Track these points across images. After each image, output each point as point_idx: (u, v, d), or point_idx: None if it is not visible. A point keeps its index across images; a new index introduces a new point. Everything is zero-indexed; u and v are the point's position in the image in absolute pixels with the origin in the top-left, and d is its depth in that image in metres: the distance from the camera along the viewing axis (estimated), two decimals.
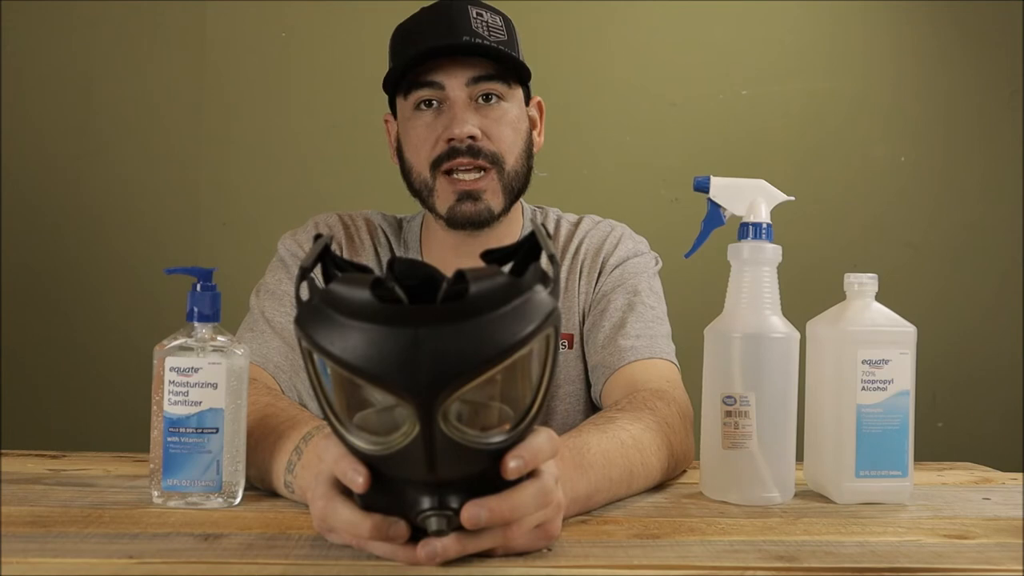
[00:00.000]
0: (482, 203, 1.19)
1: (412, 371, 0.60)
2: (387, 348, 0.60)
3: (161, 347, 0.86)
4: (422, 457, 0.63)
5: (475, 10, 1.18)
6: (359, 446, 0.66)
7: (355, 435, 0.66)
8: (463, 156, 1.17)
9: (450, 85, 1.17)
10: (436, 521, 0.66)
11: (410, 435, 0.63)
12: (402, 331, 0.60)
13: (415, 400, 0.61)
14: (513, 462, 0.67)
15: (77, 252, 2.19)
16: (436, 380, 0.60)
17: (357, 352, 0.60)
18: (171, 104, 2.21)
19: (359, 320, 0.61)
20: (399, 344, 0.60)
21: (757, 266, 0.95)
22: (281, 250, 1.27)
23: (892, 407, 0.94)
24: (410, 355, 0.60)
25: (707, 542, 0.77)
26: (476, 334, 0.61)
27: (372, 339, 0.60)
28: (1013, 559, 0.73)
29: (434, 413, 0.61)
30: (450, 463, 0.65)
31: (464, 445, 0.64)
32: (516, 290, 0.63)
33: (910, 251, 2.33)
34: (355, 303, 0.62)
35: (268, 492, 0.92)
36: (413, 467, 0.65)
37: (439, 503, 0.66)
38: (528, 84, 1.25)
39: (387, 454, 0.64)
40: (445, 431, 0.63)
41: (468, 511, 0.66)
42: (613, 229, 1.32)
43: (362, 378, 0.61)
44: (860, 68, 2.34)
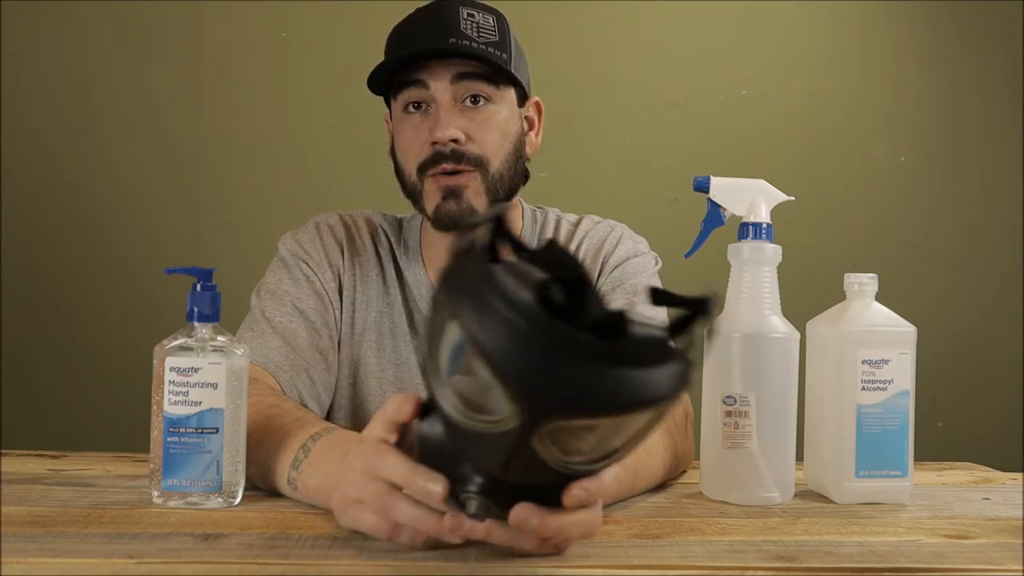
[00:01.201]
0: (464, 202, 1.18)
1: (542, 388, 0.59)
2: (529, 356, 0.59)
3: (161, 347, 0.86)
4: (501, 455, 0.63)
5: (466, 11, 1.18)
6: (448, 407, 0.64)
7: (453, 397, 0.64)
8: (447, 161, 1.17)
9: (434, 84, 1.17)
10: (476, 505, 0.66)
11: (500, 429, 0.61)
12: (551, 350, 0.59)
13: (529, 414, 0.60)
14: (577, 492, 0.66)
15: (77, 252, 2.18)
16: (558, 407, 0.59)
17: (498, 342, 0.59)
18: (171, 104, 2.21)
19: (515, 314, 0.59)
20: (542, 359, 0.59)
21: (757, 266, 0.95)
22: (282, 250, 1.28)
23: (892, 407, 0.95)
24: (547, 374, 0.58)
25: (707, 542, 0.77)
26: (617, 385, 0.60)
27: (520, 340, 0.59)
28: (1013, 559, 0.73)
29: (538, 430, 0.60)
30: (522, 469, 0.64)
31: (542, 463, 0.63)
32: (670, 357, 0.62)
33: (910, 251, 2.32)
34: (519, 299, 0.59)
35: (268, 491, 0.92)
36: (487, 455, 0.64)
37: (488, 490, 0.65)
38: (523, 85, 1.24)
39: (469, 430, 0.63)
40: (534, 446, 0.61)
41: (520, 513, 0.65)
42: (613, 229, 1.32)
43: (492, 370, 0.59)
44: (860, 68, 2.34)
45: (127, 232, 2.19)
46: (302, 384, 1.17)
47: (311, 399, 1.18)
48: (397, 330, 1.27)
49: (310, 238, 1.28)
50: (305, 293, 1.23)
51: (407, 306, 1.28)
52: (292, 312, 1.21)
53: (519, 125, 1.25)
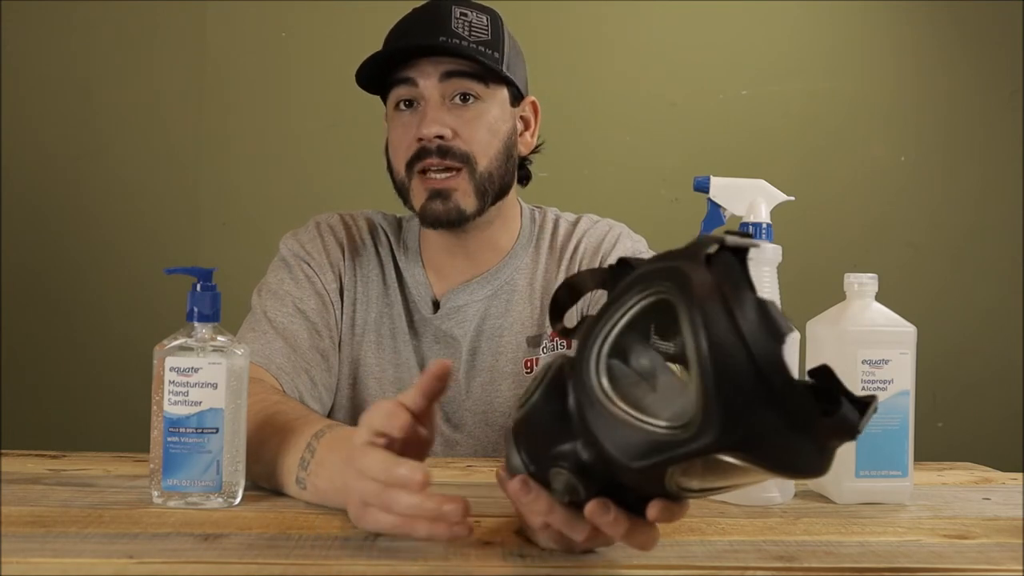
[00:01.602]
0: (451, 202, 1.19)
1: (751, 427, 0.57)
2: (755, 396, 0.57)
3: (161, 347, 0.86)
4: (640, 456, 0.61)
5: (459, 10, 1.19)
6: (599, 389, 0.63)
7: (602, 377, 0.63)
8: (433, 156, 1.18)
9: (423, 82, 1.18)
10: (564, 481, 0.65)
11: (665, 436, 0.60)
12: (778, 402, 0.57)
13: (718, 441, 0.58)
14: (664, 509, 0.65)
15: (77, 252, 2.19)
16: (748, 450, 0.58)
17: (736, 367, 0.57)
18: (171, 104, 2.21)
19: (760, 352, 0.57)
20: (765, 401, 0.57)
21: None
22: (283, 250, 1.28)
23: (892, 407, 0.94)
24: (762, 418, 0.57)
25: (707, 542, 0.77)
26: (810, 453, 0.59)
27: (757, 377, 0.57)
28: (1013, 559, 0.73)
29: (702, 455, 0.59)
30: (641, 476, 0.62)
31: (662, 477, 0.62)
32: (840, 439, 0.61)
33: (910, 251, 2.32)
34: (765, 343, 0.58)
35: (271, 491, 0.92)
36: (620, 446, 0.62)
37: (581, 471, 0.64)
38: (517, 85, 1.24)
39: (616, 419, 0.62)
40: (681, 466, 0.61)
41: (599, 505, 0.65)
42: (611, 228, 1.32)
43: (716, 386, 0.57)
44: (860, 68, 2.34)
45: (127, 232, 2.19)
46: (303, 385, 1.17)
47: (312, 400, 1.18)
48: (397, 330, 1.27)
49: (311, 238, 1.28)
50: (306, 294, 1.23)
51: (407, 306, 1.28)
52: (293, 313, 1.21)
53: (511, 124, 1.25)
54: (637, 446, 0.61)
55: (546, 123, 1.32)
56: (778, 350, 0.58)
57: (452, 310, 1.27)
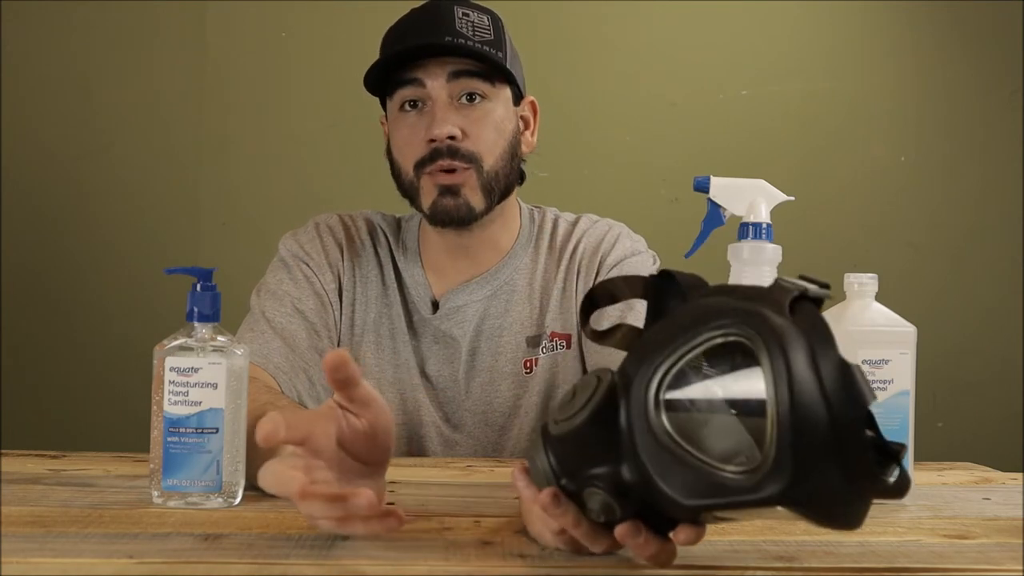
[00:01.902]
0: (461, 198, 1.19)
1: (811, 493, 0.58)
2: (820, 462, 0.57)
3: (161, 347, 0.86)
4: (694, 494, 0.61)
5: (461, 10, 1.19)
6: (660, 420, 0.62)
7: (664, 404, 0.63)
8: (444, 159, 1.17)
9: (431, 83, 1.18)
10: (600, 503, 0.64)
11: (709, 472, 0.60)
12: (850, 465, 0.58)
13: (776, 495, 0.58)
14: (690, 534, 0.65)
15: (77, 252, 2.18)
16: (804, 507, 0.59)
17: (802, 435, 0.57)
18: (171, 104, 2.21)
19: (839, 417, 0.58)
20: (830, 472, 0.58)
21: (757, 266, 0.95)
22: (282, 250, 1.28)
23: (892, 407, 0.94)
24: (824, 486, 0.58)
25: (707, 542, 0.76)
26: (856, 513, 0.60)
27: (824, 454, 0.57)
28: (1013, 559, 0.73)
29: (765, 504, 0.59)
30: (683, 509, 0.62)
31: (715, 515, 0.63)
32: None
33: (910, 251, 2.32)
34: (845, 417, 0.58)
35: None
36: (674, 481, 0.61)
37: (619, 493, 0.64)
38: (518, 84, 1.25)
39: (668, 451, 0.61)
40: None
41: (631, 529, 0.64)
42: (611, 228, 1.32)
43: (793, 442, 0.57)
44: (860, 68, 2.34)
45: (127, 232, 2.19)
46: (301, 385, 1.18)
47: (310, 400, 1.18)
48: (396, 331, 1.27)
49: (310, 239, 1.28)
50: (305, 294, 1.23)
51: (406, 307, 1.28)
52: (292, 313, 1.21)
53: (514, 123, 1.25)
54: (695, 486, 0.61)
55: (546, 123, 1.32)
56: (859, 416, 0.58)
57: (451, 310, 1.27)
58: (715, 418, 0.64)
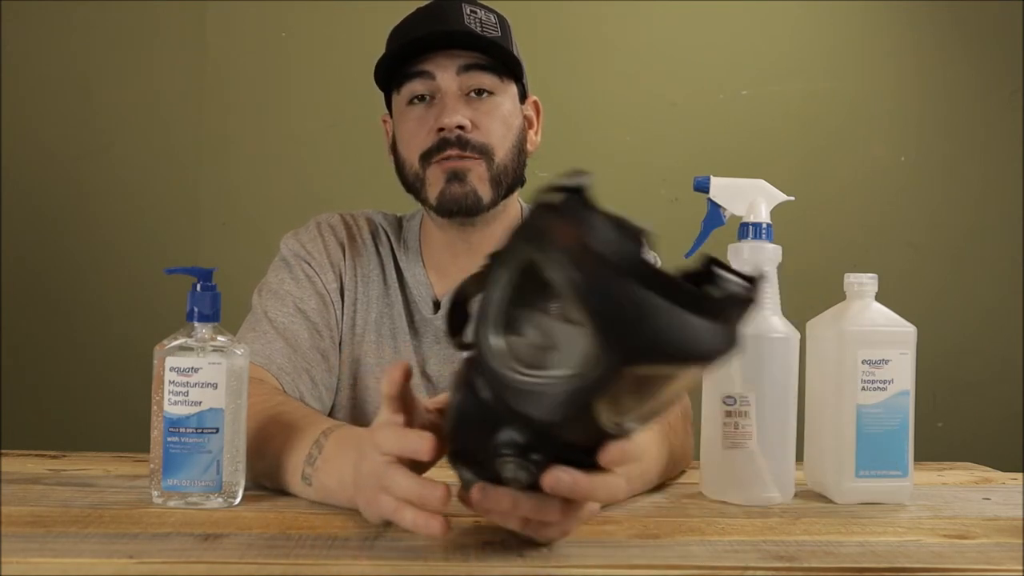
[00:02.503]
0: (468, 185, 1.18)
1: (642, 333, 0.58)
2: (633, 300, 0.59)
3: (161, 347, 0.86)
4: (561, 410, 0.62)
5: (469, 8, 1.19)
6: (501, 367, 0.64)
7: (502, 354, 0.64)
8: (452, 148, 1.17)
9: (441, 75, 1.18)
10: (514, 468, 0.65)
11: (568, 384, 0.61)
12: (653, 296, 0.59)
13: (619, 360, 0.59)
14: (614, 450, 0.66)
15: (77, 252, 2.18)
16: (649, 352, 0.59)
17: (600, 286, 0.59)
18: (171, 104, 2.21)
19: (621, 260, 0.59)
20: (645, 304, 0.59)
21: (757, 266, 0.95)
22: (284, 250, 1.28)
23: (892, 407, 0.94)
24: (649, 319, 0.58)
25: (707, 542, 0.77)
26: (709, 336, 0.60)
27: (624, 285, 0.59)
28: (1013, 559, 0.73)
29: (619, 378, 0.60)
30: (575, 427, 0.64)
31: (597, 421, 0.63)
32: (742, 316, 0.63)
33: (910, 251, 2.32)
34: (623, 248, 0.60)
35: (271, 490, 0.92)
36: (542, 409, 0.63)
37: (524, 451, 0.65)
38: (524, 83, 1.25)
39: (523, 389, 0.63)
40: (599, 400, 0.61)
41: (554, 475, 0.65)
42: None
43: (589, 312, 0.59)
44: (860, 68, 2.34)
45: (127, 232, 2.19)
46: (304, 385, 1.17)
47: (313, 400, 1.18)
48: (397, 330, 1.27)
49: (312, 238, 1.28)
50: (307, 294, 1.23)
51: (407, 306, 1.28)
52: (294, 312, 1.21)
53: (521, 120, 1.25)
54: (557, 401, 0.62)
55: (546, 123, 1.32)
56: (636, 250, 0.60)
57: None
58: (555, 337, 0.64)
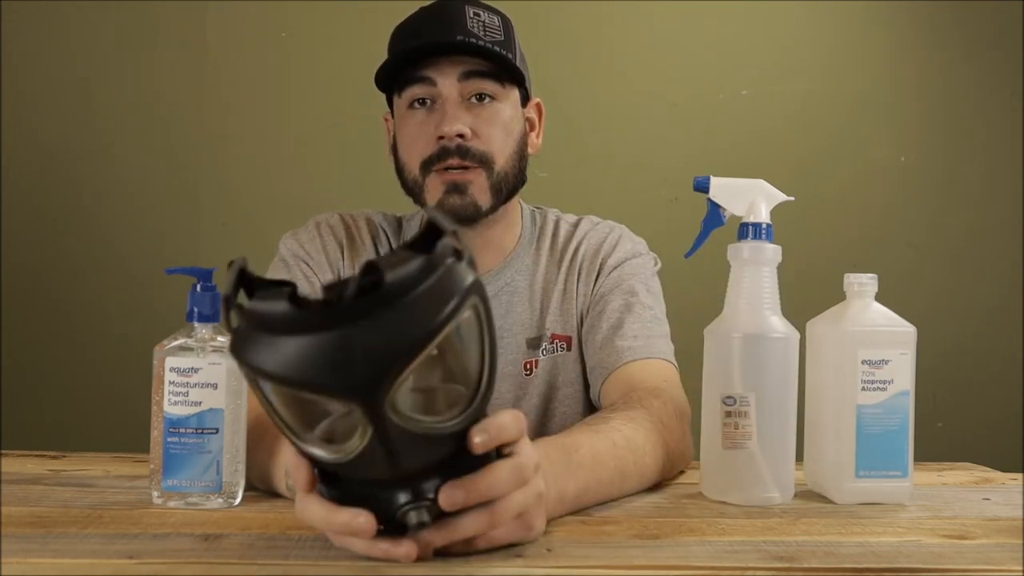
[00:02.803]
0: (468, 197, 1.18)
1: (347, 373, 0.59)
2: (317, 356, 0.59)
3: (161, 347, 0.86)
4: (382, 455, 0.63)
5: (472, 10, 1.19)
6: (321, 457, 0.65)
7: (316, 447, 0.65)
8: (453, 157, 1.17)
9: (442, 81, 1.17)
10: (415, 515, 0.66)
11: (366, 437, 0.62)
12: (327, 335, 0.59)
13: (358, 400, 0.60)
14: (478, 437, 0.66)
15: (77, 252, 2.18)
16: (373, 376, 0.59)
17: (290, 366, 0.59)
18: (171, 104, 2.21)
19: (283, 334, 0.60)
20: (328, 349, 0.59)
21: (757, 266, 0.95)
22: (283, 250, 1.28)
23: (892, 407, 0.94)
24: (341, 357, 0.59)
25: (707, 542, 0.77)
26: (400, 320, 0.60)
27: (301, 350, 0.59)
28: (1013, 559, 0.73)
29: (382, 410, 0.60)
30: (412, 455, 0.64)
31: (421, 434, 0.63)
32: (430, 267, 0.62)
33: (910, 251, 2.32)
34: (275, 317, 0.60)
35: (269, 492, 0.92)
36: (378, 467, 0.64)
37: (414, 496, 0.66)
38: (526, 86, 1.25)
39: (349, 460, 0.64)
40: (399, 423, 0.62)
41: (444, 493, 0.66)
42: (612, 230, 1.32)
43: (302, 391, 0.61)
44: (860, 68, 2.34)
45: (127, 232, 2.19)
46: None
47: None
48: None
49: (310, 238, 1.28)
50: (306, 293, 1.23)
51: None
52: None
53: (522, 125, 1.25)
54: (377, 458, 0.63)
55: (547, 123, 1.32)
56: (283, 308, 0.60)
57: None
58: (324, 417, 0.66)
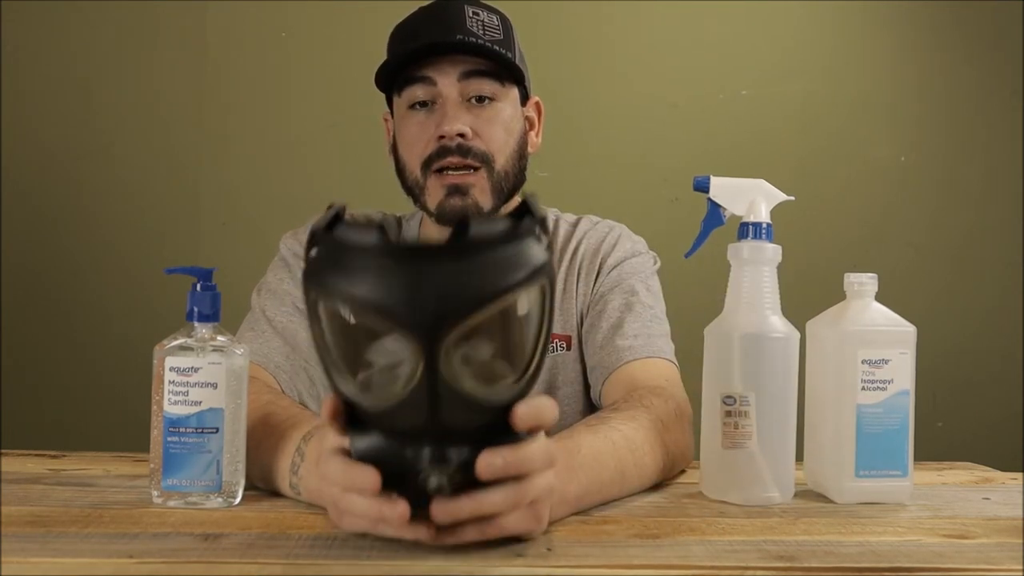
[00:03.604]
0: (470, 199, 1.18)
1: (417, 307, 0.62)
2: (393, 285, 0.62)
3: (161, 347, 0.86)
4: (424, 405, 0.64)
5: (471, 9, 1.19)
6: (360, 401, 0.67)
7: (357, 390, 0.67)
8: (453, 155, 1.17)
9: (442, 81, 1.17)
10: (436, 478, 0.66)
11: (413, 380, 0.64)
12: (407, 267, 0.63)
13: (420, 335, 0.62)
14: (523, 409, 0.68)
15: (77, 252, 2.18)
16: (439, 314, 0.62)
17: (367, 290, 0.63)
18: (171, 104, 2.21)
19: (366, 263, 0.63)
20: (405, 280, 0.62)
21: (757, 266, 0.95)
22: (283, 249, 1.28)
23: (892, 407, 0.94)
24: (415, 291, 0.62)
25: (707, 542, 0.77)
26: (475, 271, 0.63)
27: (380, 278, 0.63)
28: (1013, 559, 0.73)
29: (436, 350, 0.62)
30: (451, 411, 0.65)
31: (465, 395, 0.65)
32: (514, 235, 0.65)
33: (911, 251, 2.32)
34: (363, 246, 0.64)
35: (269, 491, 0.92)
36: (415, 415, 0.65)
37: (438, 459, 0.67)
38: (526, 84, 1.25)
39: (389, 406, 0.65)
40: (447, 377, 0.64)
41: (483, 458, 0.67)
42: (611, 229, 1.32)
43: (373, 315, 0.63)
44: (860, 68, 2.34)
45: (127, 232, 2.19)
46: (302, 384, 1.17)
47: (310, 399, 1.18)
48: None
49: None
50: None
51: None
52: (292, 311, 1.21)
53: (522, 124, 1.25)
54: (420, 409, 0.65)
55: (547, 123, 1.32)
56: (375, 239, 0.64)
57: None
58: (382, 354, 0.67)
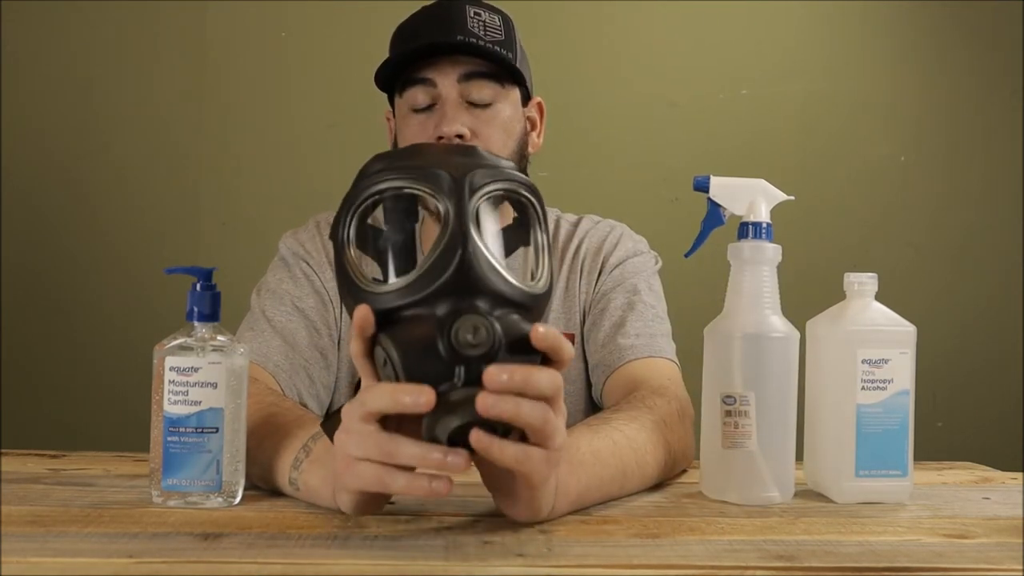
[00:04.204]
0: None
1: (446, 174, 0.76)
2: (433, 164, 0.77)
3: (161, 347, 0.86)
4: (454, 267, 0.71)
5: (473, 9, 1.19)
6: (393, 282, 0.74)
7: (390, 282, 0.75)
8: None
9: (442, 82, 1.17)
10: (473, 326, 0.70)
11: (442, 243, 0.72)
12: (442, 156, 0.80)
13: (452, 190, 0.74)
14: (542, 328, 0.72)
15: (77, 252, 2.18)
16: (462, 174, 0.76)
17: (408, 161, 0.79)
18: (171, 104, 2.21)
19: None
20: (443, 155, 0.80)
21: (757, 266, 0.95)
22: (282, 249, 1.28)
23: (892, 407, 0.94)
24: (445, 167, 0.77)
25: (707, 542, 0.77)
26: (486, 161, 0.81)
27: (421, 160, 0.79)
28: (1013, 559, 0.73)
29: (466, 206, 0.74)
30: (480, 283, 0.72)
31: (492, 271, 0.72)
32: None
33: (911, 251, 2.32)
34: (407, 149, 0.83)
35: (269, 491, 0.92)
36: (447, 286, 0.71)
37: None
38: (527, 85, 1.25)
39: (420, 275, 0.72)
40: (478, 237, 0.73)
41: (491, 369, 0.69)
42: (613, 229, 1.32)
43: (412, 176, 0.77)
44: (860, 68, 2.34)
45: (127, 232, 2.19)
46: (301, 383, 1.17)
47: (310, 398, 1.18)
48: None
49: (310, 237, 1.28)
50: (305, 292, 1.23)
51: None
52: (292, 311, 1.21)
53: (522, 124, 1.25)
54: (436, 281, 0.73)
55: (547, 123, 1.32)
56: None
57: None
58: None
